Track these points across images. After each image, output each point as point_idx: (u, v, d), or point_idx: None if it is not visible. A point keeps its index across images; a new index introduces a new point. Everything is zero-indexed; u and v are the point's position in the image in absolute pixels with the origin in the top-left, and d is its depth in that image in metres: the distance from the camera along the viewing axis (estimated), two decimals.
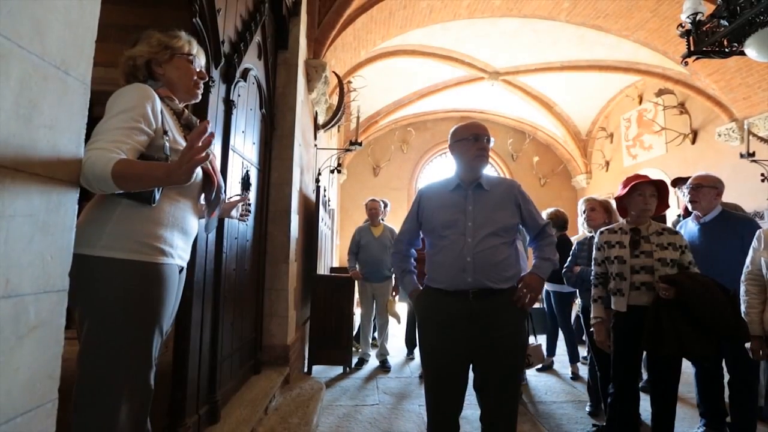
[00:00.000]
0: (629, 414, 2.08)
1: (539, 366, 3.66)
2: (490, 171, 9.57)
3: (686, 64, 3.00)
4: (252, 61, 2.64)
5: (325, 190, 5.02)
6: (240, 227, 2.50)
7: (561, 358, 3.90)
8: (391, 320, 4.06)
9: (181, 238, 1.22)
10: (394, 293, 3.99)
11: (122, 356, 1.05)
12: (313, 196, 4.23)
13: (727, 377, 2.35)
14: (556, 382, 3.51)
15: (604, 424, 2.34)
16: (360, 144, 4.75)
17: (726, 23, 2.56)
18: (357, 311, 4.32)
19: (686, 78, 5.75)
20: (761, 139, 4.86)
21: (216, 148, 2.10)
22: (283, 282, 3.05)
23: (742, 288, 1.88)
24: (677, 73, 5.78)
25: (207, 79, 1.38)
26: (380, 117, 8.37)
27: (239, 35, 2.42)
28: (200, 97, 1.38)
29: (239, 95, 2.43)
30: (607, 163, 8.35)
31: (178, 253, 1.21)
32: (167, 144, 1.15)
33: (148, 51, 1.24)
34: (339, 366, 3.73)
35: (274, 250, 3.07)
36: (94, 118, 0.98)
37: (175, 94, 1.30)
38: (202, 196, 1.32)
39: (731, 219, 2.35)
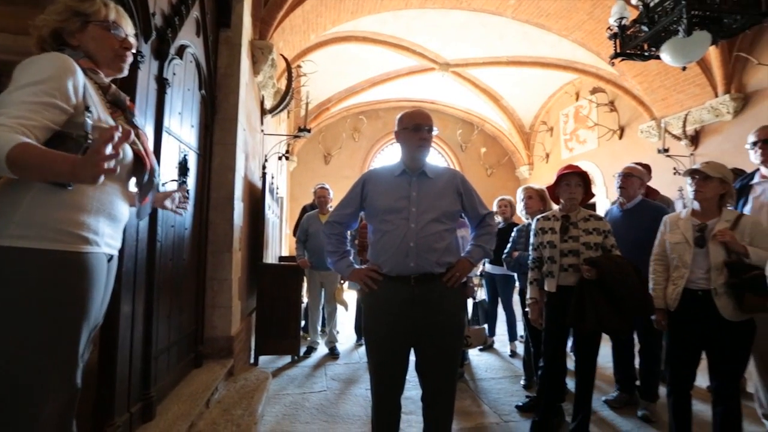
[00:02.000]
0: (557, 384, 2.28)
1: (481, 346, 3.87)
2: (439, 160, 9.82)
3: (613, 64, 3.26)
4: (189, 38, 2.47)
5: (272, 178, 4.87)
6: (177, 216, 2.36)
7: (502, 338, 4.15)
8: (340, 308, 4.07)
9: (108, 225, 1.12)
10: (342, 281, 4.00)
11: (41, 354, 0.96)
12: (259, 183, 4.08)
13: (638, 347, 2.66)
14: (495, 360, 3.74)
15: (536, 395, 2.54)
16: (309, 131, 4.65)
17: (646, 29, 2.80)
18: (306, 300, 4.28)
19: (616, 78, 6.24)
20: (674, 136, 5.43)
21: (148, 129, 1.96)
22: (227, 272, 2.94)
23: (651, 267, 2.11)
24: (609, 74, 6.25)
25: (132, 48, 1.22)
26: (331, 104, 8.23)
27: (173, 8, 2.25)
28: (126, 70, 1.25)
29: (174, 74, 2.27)
30: (548, 155, 8.89)
31: (106, 240, 1.12)
32: (89, 122, 1.04)
33: (54, 19, 1.09)
34: (287, 355, 3.70)
35: (216, 239, 2.94)
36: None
37: (98, 67, 1.15)
38: (133, 180, 1.22)
39: (648, 207, 2.63)
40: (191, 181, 2.56)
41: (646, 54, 3.01)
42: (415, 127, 1.70)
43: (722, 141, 5.03)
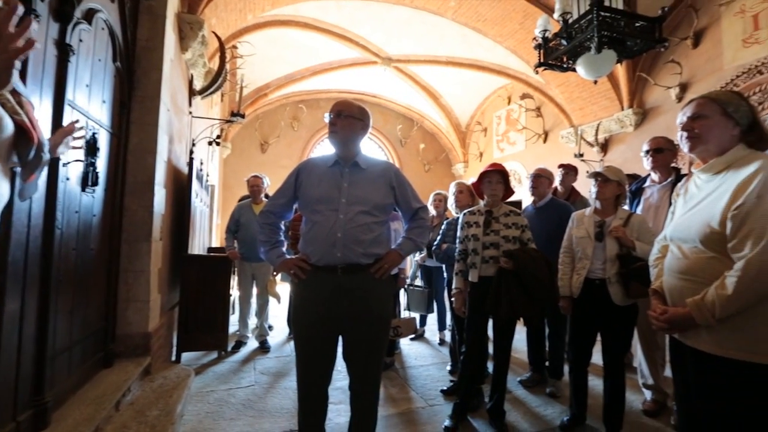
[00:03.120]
0: (477, 368, 2.44)
1: (412, 336, 4.02)
2: (379, 154, 9.89)
3: (537, 72, 3.52)
4: (100, 1, 2.21)
5: (201, 164, 4.56)
6: (83, 199, 2.12)
7: (432, 327, 4.34)
8: (273, 300, 3.96)
9: None
10: (275, 273, 3.89)
11: None
12: (185, 169, 3.81)
13: (547, 331, 2.95)
14: (425, 349, 3.91)
15: None
16: (243, 116, 4.43)
17: (565, 43, 3.07)
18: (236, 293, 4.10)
19: (542, 86, 6.75)
20: (588, 143, 6.04)
21: (45, 102, 1.73)
22: (144, 263, 2.71)
23: (560, 259, 2.35)
24: (536, 81, 6.74)
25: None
26: (270, 90, 7.88)
27: None
28: (11, 28, 1.08)
29: (81, 40, 2.02)
30: (481, 154, 9.38)
31: None
32: None
33: None
34: (214, 351, 3.52)
35: (132, 227, 2.70)
36: None
37: None
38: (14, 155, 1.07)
39: (556, 205, 2.91)
40: (102, 162, 2.31)
41: (565, 66, 3.30)
42: (329, 116, 1.74)
43: (625, 149, 5.69)
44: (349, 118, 1.71)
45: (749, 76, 4.12)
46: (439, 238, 3.08)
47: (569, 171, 3.52)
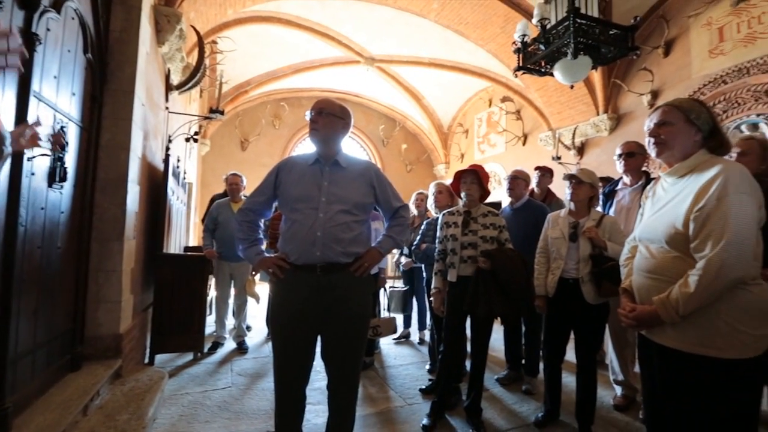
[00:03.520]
0: (455, 367, 2.47)
1: (396, 336, 4.02)
2: (361, 154, 9.88)
3: (516, 75, 3.59)
4: None
5: (178, 161, 4.45)
6: (50, 196, 2.04)
7: (413, 327, 4.34)
8: (251, 300, 3.90)
9: None
10: (254, 272, 3.83)
11: None
12: (161, 166, 3.70)
13: (524, 330, 3.01)
14: (405, 348, 3.92)
15: None
16: (222, 112, 4.34)
17: (543, 48, 3.14)
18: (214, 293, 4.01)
19: (522, 90, 6.89)
20: (565, 146, 6.20)
21: (8, 93, 1.65)
22: (116, 262, 2.62)
23: (536, 259, 2.40)
24: (517, 85, 6.87)
25: None
26: (251, 87, 7.76)
27: None
28: None
29: (49, 29, 1.94)
30: (462, 156, 9.49)
31: None
32: None
33: None
34: (190, 352, 3.44)
35: (103, 225, 2.60)
36: None
37: None
38: None
39: (533, 206, 2.97)
40: (71, 157, 2.22)
41: (543, 70, 3.38)
42: (310, 114, 1.75)
43: (600, 153, 5.87)
44: (329, 116, 1.71)
45: (715, 85, 4.31)
46: (418, 238, 3.10)
47: (545, 173, 3.61)
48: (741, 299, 1.18)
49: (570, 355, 2.30)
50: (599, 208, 2.43)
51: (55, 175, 2.05)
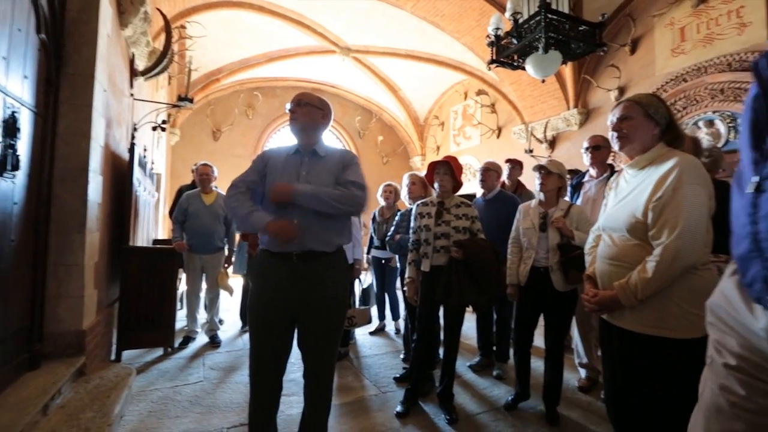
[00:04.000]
0: (428, 355, 2.52)
1: (372, 329, 4.04)
2: (337, 146, 9.79)
3: (490, 68, 3.63)
4: None
5: (145, 150, 4.27)
6: (1, 185, 1.91)
7: (387, 318, 4.37)
8: (223, 294, 3.81)
9: None
10: (226, 265, 3.75)
11: None
12: (126, 156, 3.54)
13: (495, 317, 3.09)
14: (380, 339, 3.95)
15: None
16: (191, 100, 4.19)
17: (516, 42, 3.19)
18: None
19: (497, 83, 6.99)
20: (538, 139, 6.35)
21: None
22: (77, 256, 2.50)
23: (509, 249, 2.47)
24: (491, 78, 6.96)
25: None
26: (222, 75, 7.50)
27: None
28: None
29: None
30: (438, 148, 9.57)
31: None
32: None
33: None
34: (159, 348, 3.34)
35: (62, 217, 2.47)
36: None
37: None
38: None
39: (504, 197, 3.04)
40: (24, 145, 2.09)
41: (515, 64, 3.43)
42: (289, 106, 1.78)
43: (570, 147, 6.05)
44: (308, 106, 1.74)
45: (676, 83, 4.52)
46: (392, 228, 3.12)
47: (515, 165, 3.69)
48: (691, 283, 1.26)
49: (538, 341, 2.38)
50: (567, 199, 2.51)
51: (6, 164, 1.92)
